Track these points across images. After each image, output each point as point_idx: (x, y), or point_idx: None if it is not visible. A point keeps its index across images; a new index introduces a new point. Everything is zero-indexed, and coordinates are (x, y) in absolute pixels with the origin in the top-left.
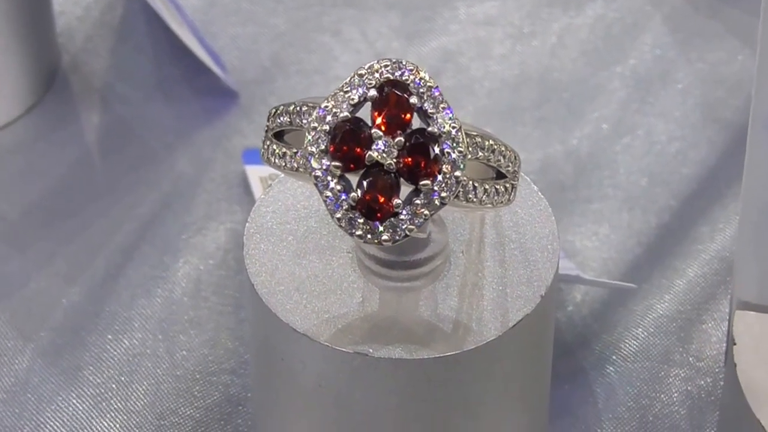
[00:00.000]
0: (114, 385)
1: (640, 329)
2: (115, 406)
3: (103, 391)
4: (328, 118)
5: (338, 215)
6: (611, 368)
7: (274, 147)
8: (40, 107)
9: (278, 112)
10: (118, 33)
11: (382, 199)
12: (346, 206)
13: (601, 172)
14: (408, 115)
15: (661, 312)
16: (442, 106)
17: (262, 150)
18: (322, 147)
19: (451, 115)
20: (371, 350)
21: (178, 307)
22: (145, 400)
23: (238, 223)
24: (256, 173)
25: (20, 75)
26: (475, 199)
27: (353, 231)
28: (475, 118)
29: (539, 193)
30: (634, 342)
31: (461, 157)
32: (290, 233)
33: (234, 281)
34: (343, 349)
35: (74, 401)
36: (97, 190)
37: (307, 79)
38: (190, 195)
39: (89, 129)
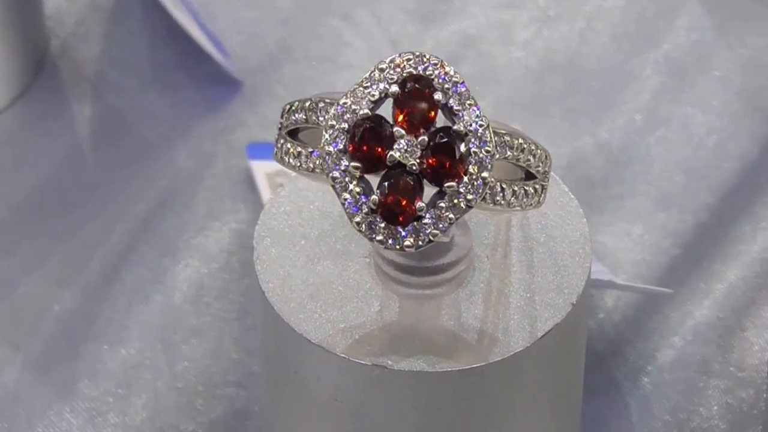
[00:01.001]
0: (110, 399)
1: (677, 337)
2: (112, 421)
3: (98, 404)
4: (347, 115)
5: (357, 219)
6: (646, 379)
7: (289, 146)
8: (27, 97)
9: (293, 108)
10: (111, 16)
11: (404, 202)
12: (366, 210)
13: (633, 167)
14: (432, 113)
15: (699, 318)
16: (468, 102)
17: (276, 149)
18: (341, 146)
19: (478, 113)
20: (390, 362)
21: (179, 314)
22: (144, 415)
23: (243, 222)
24: (261, 169)
25: (5, 62)
26: (503, 202)
27: (373, 236)
28: (496, 109)
29: (570, 194)
30: (671, 351)
31: (489, 156)
32: (303, 237)
33: (239, 286)
34: (361, 361)
35: (68, 416)
36: (90, 186)
37: (316, 67)
38: (191, 192)
39: (80, 120)
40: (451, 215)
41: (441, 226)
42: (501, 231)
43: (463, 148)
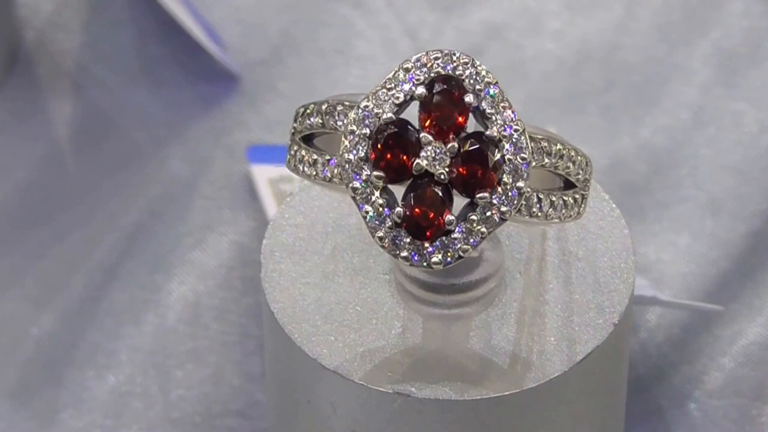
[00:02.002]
0: (98, 431)
1: (727, 359)
2: None
3: None
4: (369, 120)
5: (380, 234)
6: (693, 405)
7: (303, 153)
8: None
9: (308, 111)
10: (93, 3)
11: (431, 215)
12: (390, 223)
13: (679, 171)
14: (462, 117)
15: (752, 338)
16: (502, 105)
17: (289, 156)
18: (362, 154)
19: (513, 117)
20: (414, 390)
21: (173, 337)
22: None
23: (243, 234)
24: (263, 174)
25: None
26: (539, 214)
27: (398, 252)
28: (524, 106)
29: (611, 202)
30: (720, 374)
31: (524, 164)
32: (316, 252)
33: (239, 305)
34: (381, 389)
35: None
36: (71, 195)
37: (324, 60)
38: (185, 201)
39: (59, 121)
40: (484, 229)
41: (472, 241)
42: (535, 244)
43: (496, 155)
